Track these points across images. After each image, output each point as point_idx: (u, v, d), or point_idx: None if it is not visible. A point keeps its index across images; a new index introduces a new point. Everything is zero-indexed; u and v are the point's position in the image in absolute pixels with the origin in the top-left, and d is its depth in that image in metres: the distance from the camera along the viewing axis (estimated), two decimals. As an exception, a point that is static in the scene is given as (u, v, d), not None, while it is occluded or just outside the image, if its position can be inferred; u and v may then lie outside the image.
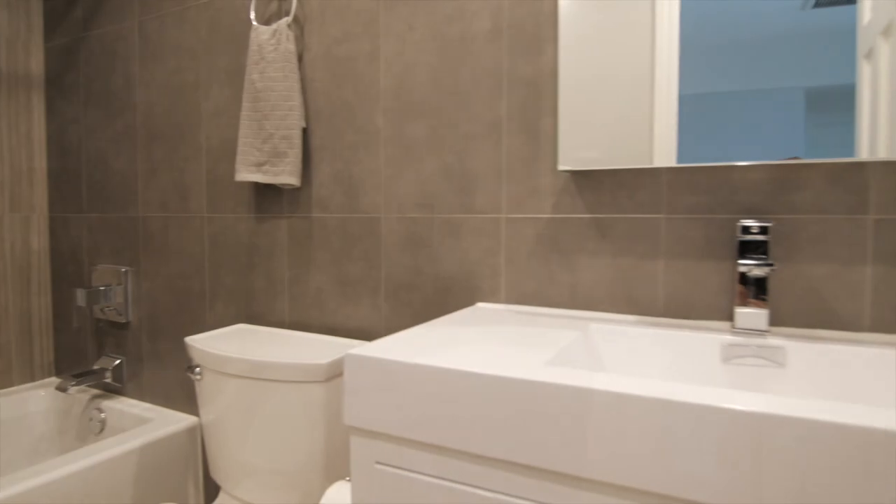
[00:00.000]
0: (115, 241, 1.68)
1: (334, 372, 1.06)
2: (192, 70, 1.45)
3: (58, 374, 1.92)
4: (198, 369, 1.18)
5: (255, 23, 1.27)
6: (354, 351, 0.68)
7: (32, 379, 1.88)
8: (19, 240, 1.82)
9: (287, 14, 1.24)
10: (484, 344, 0.72)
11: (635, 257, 0.92)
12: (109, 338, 1.72)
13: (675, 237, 0.89)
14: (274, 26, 1.22)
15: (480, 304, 1.05)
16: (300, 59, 1.25)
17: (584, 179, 0.95)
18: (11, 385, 1.83)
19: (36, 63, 1.82)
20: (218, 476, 1.19)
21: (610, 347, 0.82)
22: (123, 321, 1.66)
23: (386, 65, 1.14)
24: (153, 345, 1.60)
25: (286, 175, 1.22)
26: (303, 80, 1.24)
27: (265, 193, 1.33)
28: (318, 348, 1.13)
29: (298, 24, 1.25)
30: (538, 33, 0.98)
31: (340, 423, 1.08)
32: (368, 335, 1.19)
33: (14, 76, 1.77)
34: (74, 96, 1.75)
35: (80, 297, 1.63)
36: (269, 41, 1.22)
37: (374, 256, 1.18)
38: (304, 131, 1.24)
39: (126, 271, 1.65)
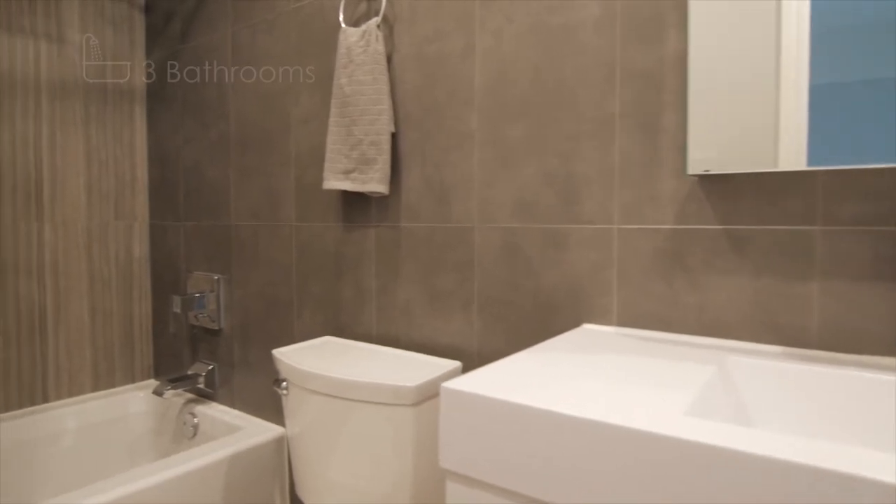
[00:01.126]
0: (208, 249, 1.72)
1: (425, 395, 0.99)
2: (282, 76, 1.44)
3: (156, 376, 2.00)
4: (284, 384, 1.15)
5: (343, 25, 1.23)
6: (451, 384, 0.61)
7: (133, 381, 1.97)
8: (123, 247, 1.92)
9: (376, 14, 1.19)
10: (602, 380, 0.62)
11: (781, 277, 0.78)
12: (203, 344, 1.77)
13: (835, 253, 0.74)
14: (363, 27, 1.18)
15: (587, 326, 0.95)
16: (389, 60, 1.20)
17: (716, 184, 0.82)
18: (114, 386, 1.93)
19: (138, 76, 1.90)
20: (302, 493, 1.16)
21: (754, 387, 0.69)
22: (216, 328, 1.69)
23: (481, 62, 1.07)
24: (243, 352, 1.62)
25: (375, 182, 1.17)
26: (392, 82, 1.19)
27: (353, 201, 1.29)
28: (406, 367, 1.07)
29: (388, 25, 1.20)
30: (659, 18, 0.86)
31: (432, 449, 1.01)
32: (459, 352, 1.12)
33: (119, 90, 1.86)
34: (173, 107, 1.81)
35: (176, 303, 1.68)
36: (358, 43, 1.18)
37: (466, 268, 1.10)
38: (393, 136, 1.19)
39: (218, 279, 1.68)
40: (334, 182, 1.23)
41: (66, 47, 1.75)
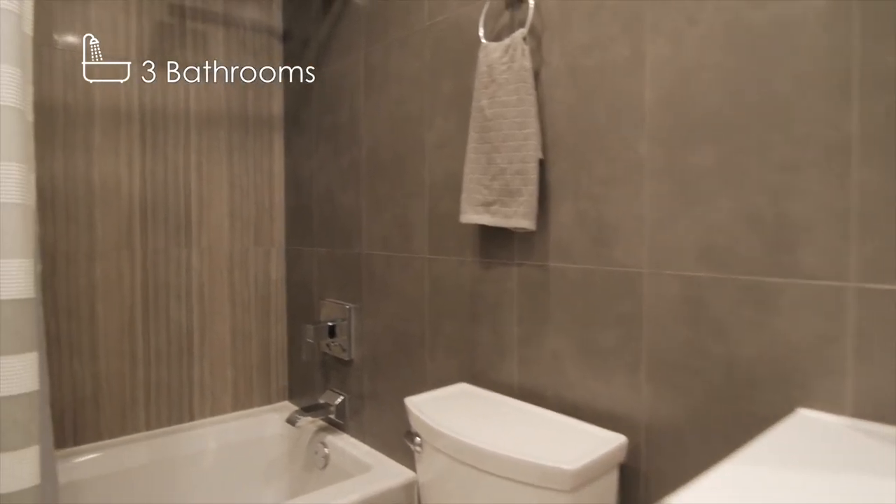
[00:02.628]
0: (340, 277, 1.69)
1: (584, 479, 0.82)
2: (415, 99, 1.36)
3: (290, 398, 2.03)
4: (418, 440, 1.05)
5: (484, 40, 1.11)
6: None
7: (269, 401, 2.01)
8: (261, 271, 1.96)
9: (521, 25, 1.05)
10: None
11: None
12: (334, 372, 1.74)
13: None
14: (506, 41, 1.04)
15: (804, 412, 0.72)
16: (537, 76, 1.05)
17: None
18: (252, 406, 1.98)
19: (276, 104, 1.94)
20: (439, 567, 1.04)
21: None
22: (347, 359, 1.65)
23: (654, 73, 0.88)
24: (373, 385, 1.55)
25: (519, 217, 1.03)
26: (540, 101, 1.04)
27: (493, 235, 1.16)
28: (559, 437, 0.91)
29: (535, 36, 1.05)
30: (928, 0, 0.63)
31: (592, 546, 0.84)
32: (621, 422, 0.93)
33: (259, 118, 1.91)
34: (308, 133, 1.81)
35: (309, 332, 1.67)
36: (501, 59, 1.04)
37: (633, 322, 0.92)
38: (541, 163, 1.03)
39: (350, 308, 1.64)
40: (472, 216, 1.11)
41: (212, 81, 1.81)
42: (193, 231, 1.81)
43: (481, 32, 1.12)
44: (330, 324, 1.67)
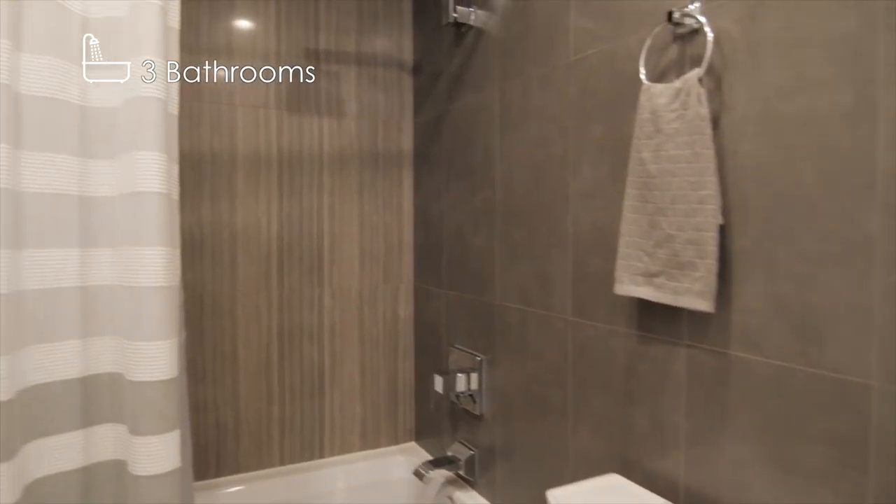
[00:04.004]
0: (471, 324, 1.61)
1: None
2: (558, 141, 1.24)
3: (417, 439, 1.99)
4: (566, 545, 0.92)
5: (645, 81, 0.96)
6: None
7: (396, 442, 1.99)
8: (390, 309, 1.95)
9: (696, 64, 0.89)
10: None
11: None
12: (463, 423, 1.67)
13: None
14: (677, 84, 0.88)
15: None
16: (716, 124, 0.88)
17: None
18: (379, 446, 1.97)
19: (406, 139, 1.92)
20: None
21: None
22: (477, 413, 1.57)
23: (890, 127, 0.68)
24: (507, 447, 1.45)
25: (692, 296, 0.87)
26: (720, 155, 0.87)
27: (655, 305, 1.00)
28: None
29: (713, 76, 0.89)
30: None
31: None
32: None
33: (389, 154, 1.90)
34: (438, 170, 1.76)
35: (437, 383, 1.61)
36: (670, 106, 0.89)
37: (854, 446, 0.72)
38: (722, 229, 0.86)
39: (481, 360, 1.55)
40: (631, 286, 0.97)
41: (344, 120, 1.83)
42: (326, 270, 1.84)
43: (642, 72, 0.97)
44: (459, 374, 1.60)
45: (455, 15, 1.48)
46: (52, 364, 0.90)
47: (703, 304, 0.85)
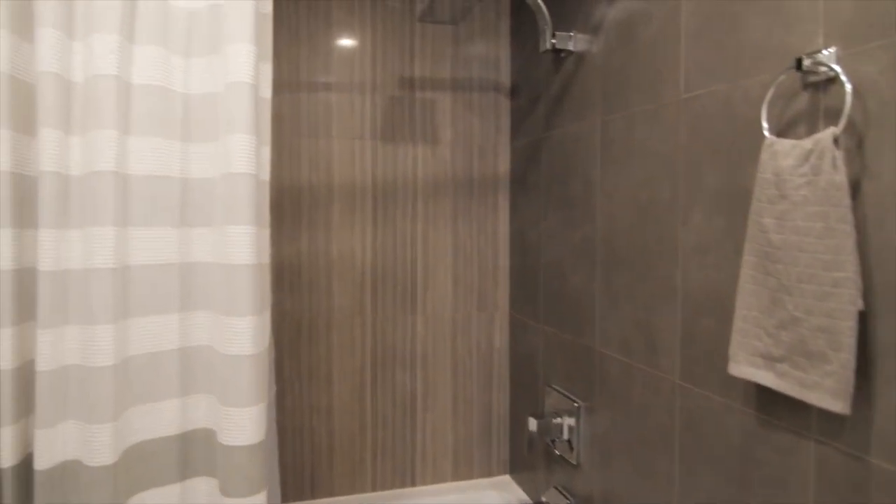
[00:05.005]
0: (569, 365, 1.56)
1: None
2: (665, 184, 1.15)
3: (511, 472, 1.98)
4: None
5: (767, 135, 0.86)
6: None
7: (489, 474, 1.99)
8: (484, 337, 1.94)
9: (830, 117, 0.78)
10: None
11: None
12: (559, 468, 1.63)
13: None
14: (807, 144, 0.79)
15: None
16: (855, 192, 0.77)
17: None
18: (472, 476, 1.98)
19: (503, 163, 1.89)
20: None
21: None
22: (573, 462, 1.52)
23: None
24: (606, 502, 1.39)
25: (822, 393, 0.77)
26: (861, 230, 0.76)
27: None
28: None
29: (853, 135, 0.78)
30: None
31: None
32: None
33: (485, 179, 1.88)
34: (535, 198, 1.72)
35: (532, 425, 1.58)
36: (797, 169, 0.79)
37: None
38: (861, 316, 0.76)
39: (579, 406, 1.50)
40: (748, 368, 0.88)
41: (439, 147, 1.83)
42: (419, 298, 1.86)
43: (764, 123, 0.87)
44: (555, 419, 1.57)
45: (553, 41, 1.43)
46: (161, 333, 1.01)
47: (836, 405, 0.76)
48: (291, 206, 1.72)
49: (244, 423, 0.98)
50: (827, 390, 0.77)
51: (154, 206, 0.95)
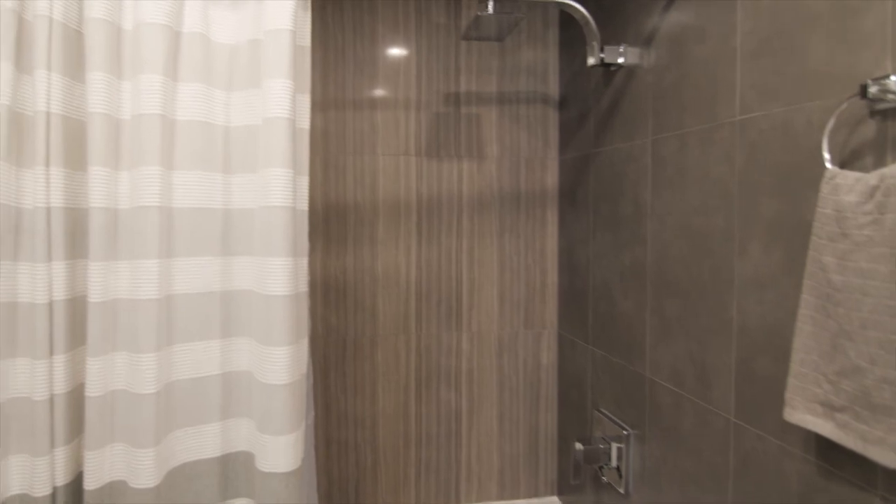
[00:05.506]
0: (618, 390, 1.52)
1: None
2: (720, 211, 1.11)
3: (558, 493, 1.95)
4: None
5: (829, 165, 0.81)
6: None
7: (536, 494, 1.97)
8: (531, 355, 1.92)
9: (902, 149, 0.73)
10: None
11: None
12: (607, 496, 1.59)
13: None
14: (872, 179, 0.73)
15: None
16: (929, 233, 0.71)
17: None
18: (518, 496, 1.96)
19: (551, 177, 1.86)
20: None
21: None
22: (622, 492, 1.48)
23: None
24: (653, 540, 1.35)
25: (887, 450, 0.72)
26: (934, 274, 0.71)
27: (836, 439, 0.85)
28: None
29: (928, 168, 0.72)
30: None
31: None
32: None
33: (532, 194, 1.86)
34: (583, 215, 1.68)
35: (578, 452, 1.55)
36: (861, 206, 0.74)
37: None
38: (933, 370, 0.70)
39: (628, 434, 1.46)
40: (805, 416, 0.83)
41: (485, 162, 1.82)
42: (464, 315, 1.86)
43: (825, 153, 0.82)
44: (603, 445, 1.53)
45: (601, 55, 1.39)
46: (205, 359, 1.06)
47: (903, 466, 0.70)
48: (337, 222, 1.76)
49: (279, 450, 1.00)
50: (893, 447, 0.71)
51: (197, 236, 0.99)
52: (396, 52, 1.77)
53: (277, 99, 0.94)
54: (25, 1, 0.90)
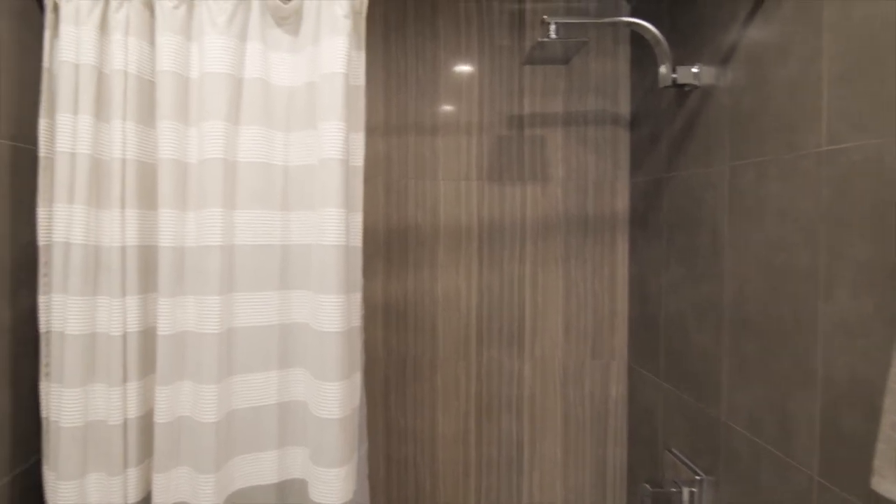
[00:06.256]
0: (690, 432, 1.46)
1: None
2: (803, 249, 1.04)
3: (626, 532, 1.89)
4: None
5: (931, 209, 0.74)
6: None
7: (604, 532, 1.91)
8: (599, 387, 1.87)
9: None
10: None
11: None
12: (677, 542, 1.52)
13: None
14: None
15: None
16: None
17: None
18: (586, 532, 1.91)
19: (621, 200, 1.81)
20: None
21: None
22: (693, 540, 1.42)
23: None
24: None
25: None
26: None
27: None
28: None
29: None
30: None
31: None
32: None
33: (600, 217, 1.82)
34: (656, 242, 1.63)
35: (645, 494, 1.50)
36: (967, 258, 0.67)
37: None
38: None
39: (701, 480, 1.40)
40: (892, 487, 0.76)
41: (549, 185, 1.80)
42: (527, 342, 1.84)
43: (926, 196, 0.76)
44: (674, 489, 1.47)
45: (674, 76, 1.34)
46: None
47: None
48: (398, 245, 1.78)
49: (331, 482, 1.03)
50: None
51: (257, 272, 1.04)
52: (458, 76, 1.78)
53: (331, 140, 0.97)
54: (105, 56, 0.99)
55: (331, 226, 0.98)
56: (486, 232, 1.80)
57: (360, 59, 1.04)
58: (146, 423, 1.10)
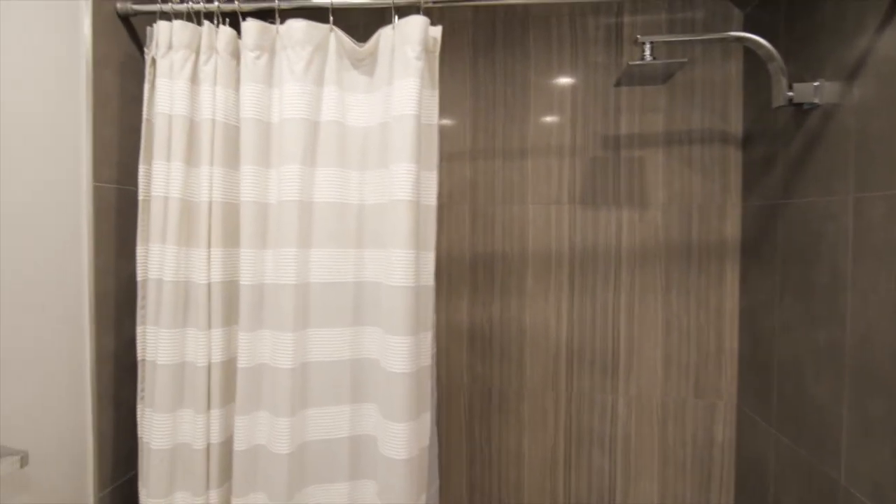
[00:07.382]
0: (805, 491, 1.33)
1: None
2: (942, 300, 0.91)
3: None
4: None
5: None
6: None
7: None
8: (702, 429, 1.75)
9: None
10: None
11: None
12: None
13: None
14: None
15: None
16: None
17: None
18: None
19: (731, 226, 1.69)
20: None
21: None
22: None
23: None
24: None
25: None
26: None
27: None
28: None
29: None
30: None
31: None
32: None
33: (706, 245, 1.70)
34: (769, 274, 1.50)
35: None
36: None
37: None
38: None
39: (814, 550, 1.26)
40: None
41: (648, 210, 1.71)
42: (621, 376, 1.76)
43: None
44: (784, 556, 1.33)
45: (790, 94, 1.22)
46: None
47: None
48: (484, 272, 1.77)
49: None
50: None
51: (331, 308, 1.07)
52: (550, 96, 1.74)
53: (401, 182, 0.99)
54: (195, 105, 1.08)
55: (399, 267, 1.00)
56: (577, 258, 1.74)
57: (433, 97, 1.05)
58: (227, 448, 1.17)
